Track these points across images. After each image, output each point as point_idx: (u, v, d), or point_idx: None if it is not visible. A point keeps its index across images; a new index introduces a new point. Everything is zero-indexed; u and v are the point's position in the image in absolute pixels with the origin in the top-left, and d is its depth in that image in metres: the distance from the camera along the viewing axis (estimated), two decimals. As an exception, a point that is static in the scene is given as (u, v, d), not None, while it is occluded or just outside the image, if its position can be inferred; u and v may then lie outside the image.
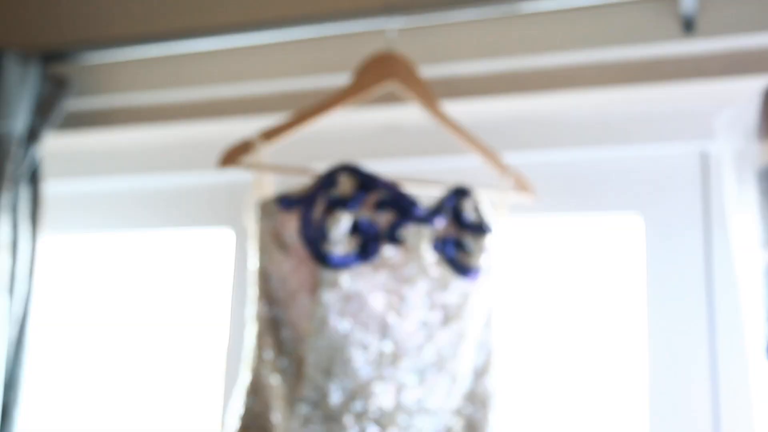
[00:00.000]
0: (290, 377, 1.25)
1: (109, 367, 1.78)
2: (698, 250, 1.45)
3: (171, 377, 1.75)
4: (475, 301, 1.34)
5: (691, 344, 1.41)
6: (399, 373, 1.27)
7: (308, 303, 1.25)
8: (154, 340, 1.78)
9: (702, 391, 1.39)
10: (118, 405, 1.76)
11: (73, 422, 1.77)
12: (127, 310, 1.81)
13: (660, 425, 1.40)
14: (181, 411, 1.73)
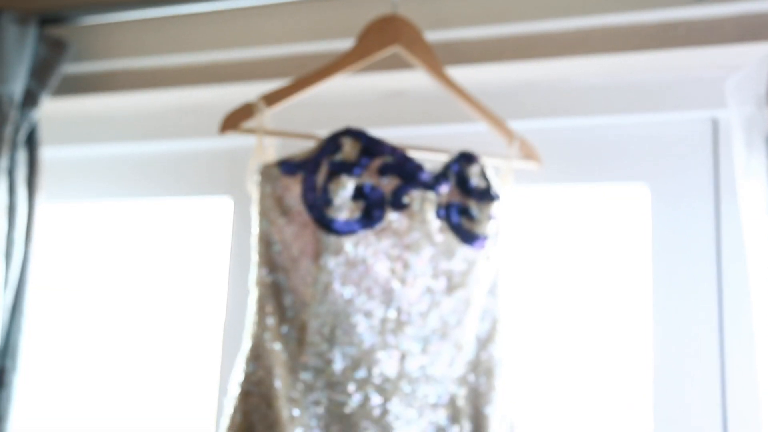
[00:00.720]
0: (292, 344, 1.23)
1: (107, 336, 1.77)
2: (707, 221, 1.43)
3: (169, 346, 1.74)
4: (481, 269, 1.32)
5: (699, 317, 1.40)
6: (402, 341, 1.25)
7: (311, 269, 1.24)
8: (152, 310, 1.77)
9: (709, 365, 1.38)
10: (116, 372, 1.74)
11: (71, 388, 1.76)
12: (126, 279, 1.79)
13: (666, 397, 1.39)
14: (179, 379, 1.71)
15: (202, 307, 1.73)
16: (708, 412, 1.36)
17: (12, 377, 1.52)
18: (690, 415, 1.37)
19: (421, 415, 1.25)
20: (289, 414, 1.19)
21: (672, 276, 1.43)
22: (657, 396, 1.39)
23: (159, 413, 1.71)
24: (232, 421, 1.18)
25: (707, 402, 1.37)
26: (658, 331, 1.42)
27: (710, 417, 1.36)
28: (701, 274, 1.41)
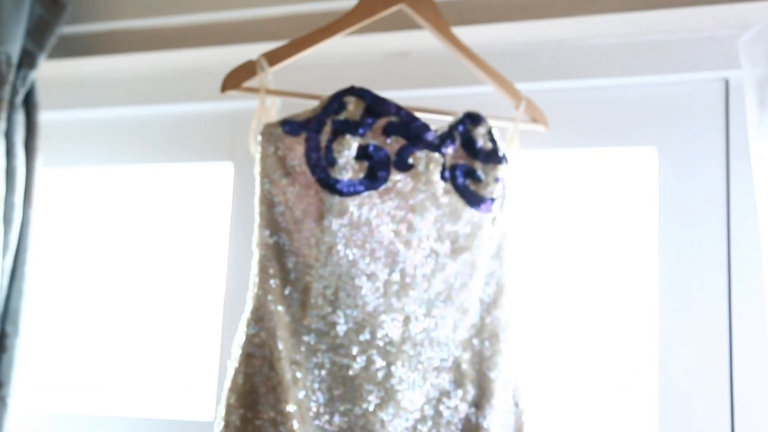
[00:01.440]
0: (295, 306, 1.21)
1: (108, 302, 1.75)
2: (717, 185, 1.40)
3: (170, 312, 1.72)
4: (486, 233, 1.30)
5: (707, 282, 1.38)
6: (407, 304, 1.24)
7: (314, 231, 1.22)
8: (153, 276, 1.75)
9: (718, 330, 1.36)
10: (118, 338, 1.73)
11: (74, 354, 1.75)
12: (126, 245, 1.78)
13: (672, 364, 1.37)
14: (181, 343, 1.70)
15: (203, 273, 1.71)
16: (715, 380, 1.35)
17: (14, 341, 1.51)
18: (696, 381, 1.35)
19: (425, 379, 1.24)
20: (292, 376, 1.17)
21: (680, 242, 1.41)
22: (663, 360, 1.38)
23: (162, 377, 1.70)
24: (234, 383, 1.17)
25: (715, 367, 1.35)
26: (665, 297, 1.40)
27: (718, 385, 1.34)
28: (710, 239, 1.39)
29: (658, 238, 1.42)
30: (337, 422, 1.19)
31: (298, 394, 1.17)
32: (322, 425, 1.18)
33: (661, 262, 1.41)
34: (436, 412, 1.24)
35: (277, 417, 1.14)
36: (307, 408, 1.18)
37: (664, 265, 1.41)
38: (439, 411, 1.24)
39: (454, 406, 1.25)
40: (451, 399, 1.25)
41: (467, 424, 1.25)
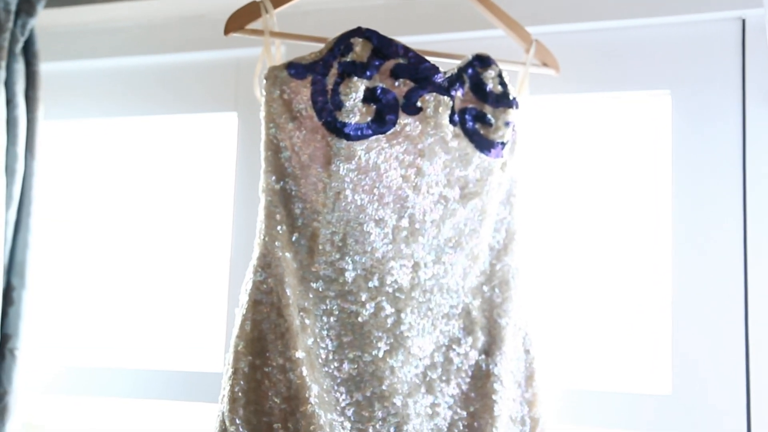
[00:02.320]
0: (303, 253, 1.19)
1: (115, 255, 1.74)
2: (733, 129, 1.37)
3: (176, 264, 1.71)
4: (496, 178, 1.27)
5: (722, 228, 1.35)
6: (416, 250, 1.22)
7: (321, 176, 1.19)
8: (158, 228, 1.73)
9: (732, 275, 1.34)
10: (126, 290, 1.72)
11: (83, 307, 1.74)
12: (130, 198, 1.76)
13: (686, 309, 1.35)
14: (188, 293, 1.69)
15: (207, 225, 1.69)
16: (729, 323, 1.33)
17: (21, 294, 1.49)
18: (710, 325, 1.34)
19: (435, 326, 1.23)
20: (301, 323, 1.16)
21: (694, 187, 1.38)
22: (676, 305, 1.36)
23: (170, 329, 1.69)
24: (242, 330, 1.15)
25: (729, 310, 1.33)
26: (678, 242, 1.37)
27: (732, 327, 1.33)
28: (725, 183, 1.36)
29: (672, 183, 1.39)
30: (347, 369, 1.17)
31: (307, 340, 1.16)
32: (331, 372, 1.17)
33: (674, 208, 1.38)
34: (446, 359, 1.23)
35: (286, 364, 1.13)
36: (316, 355, 1.16)
37: (677, 210, 1.38)
38: (449, 358, 1.23)
39: (464, 353, 1.24)
40: (461, 346, 1.24)
41: (477, 371, 1.23)
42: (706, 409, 1.32)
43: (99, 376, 1.62)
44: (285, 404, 1.12)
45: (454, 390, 1.22)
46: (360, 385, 1.17)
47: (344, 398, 1.16)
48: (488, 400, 1.21)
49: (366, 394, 1.17)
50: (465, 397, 1.22)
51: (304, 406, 1.11)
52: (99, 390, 1.62)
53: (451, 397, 1.22)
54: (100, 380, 1.62)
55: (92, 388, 1.62)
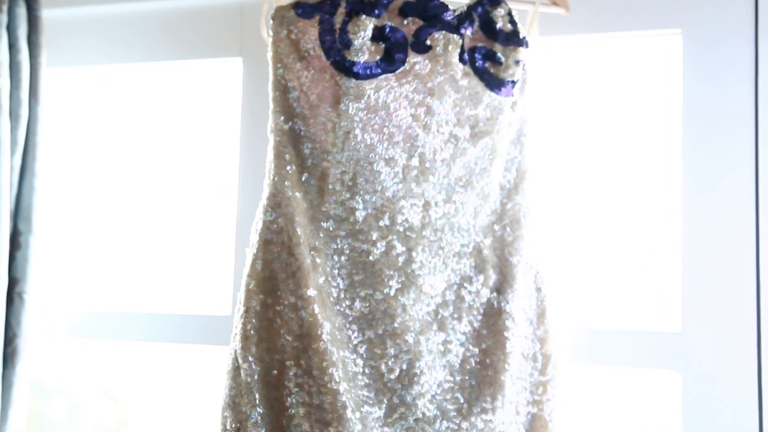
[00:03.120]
0: (313, 192, 1.19)
1: (120, 201, 1.74)
2: (746, 69, 1.35)
3: (182, 211, 1.70)
4: (506, 117, 1.26)
5: (733, 171, 1.35)
6: (426, 189, 1.21)
7: (330, 115, 1.18)
8: (164, 175, 1.73)
9: (744, 211, 1.33)
10: (133, 236, 1.72)
11: (89, 252, 1.74)
12: (135, 143, 1.75)
13: (696, 247, 1.35)
14: (195, 240, 1.69)
15: (214, 170, 1.68)
16: (740, 257, 1.33)
17: (28, 238, 1.49)
18: (722, 257, 1.34)
19: (446, 264, 1.23)
20: (312, 261, 1.16)
21: (705, 130, 1.37)
22: (687, 243, 1.36)
23: (178, 273, 1.69)
24: (253, 269, 1.16)
25: (740, 247, 1.33)
26: (689, 181, 1.37)
27: (743, 260, 1.33)
28: (737, 126, 1.35)
29: (683, 124, 1.38)
30: (358, 307, 1.18)
31: (318, 279, 1.16)
32: (343, 310, 1.17)
33: (685, 148, 1.37)
34: (457, 297, 1.23)
35: (298, 302, 1.13)
36: (328, 293, 1.17)
37: (688, 150, 1.37)
38: (460, 296, 1.23)
39: (476, 291, 1.24)
40: (473, 284, 1.24)
41: (489, 309, 1.24)
42: (716, 346, 1.32)
43: (107, 319, 1.63)
44: (297, 342, 1.13)
45: (466, 327, 1.23)
46: (372, 323, 1.17)
47: (356, 336, 1.17)
48: (500, 337, 1.21)
49: (378, 331, 1.17)
50: (477, 334, 1.23)
51: (316, 343, 1.11)
52: (109, 334, 1.62)
53: (463, 335, 1.22)
54: (109, 323, 1.62)
55: (102, 332, 1.63)
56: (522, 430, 1.23)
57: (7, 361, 1.48)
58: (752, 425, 1.29)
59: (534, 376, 1.25)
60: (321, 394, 1.11)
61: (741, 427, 1.30)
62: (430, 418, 1.17)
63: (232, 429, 1.13)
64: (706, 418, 1.31)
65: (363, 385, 1.16)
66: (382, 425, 1.16)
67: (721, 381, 1.31)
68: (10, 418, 1.48)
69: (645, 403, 1.43)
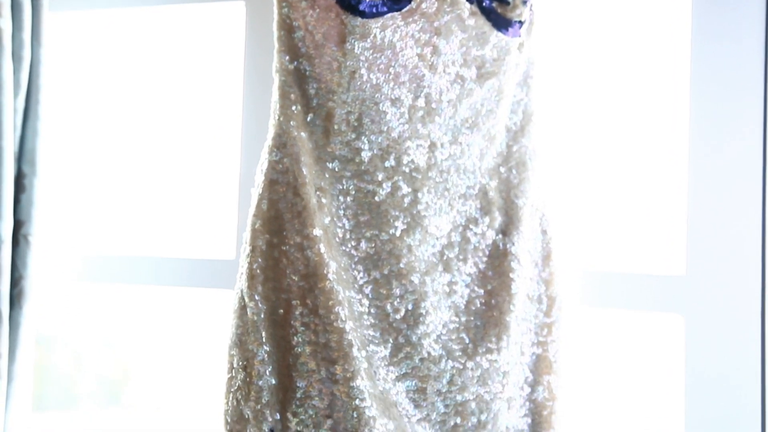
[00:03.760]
0: (318, 133, 1.18)
1: (126, 142, 1.73)
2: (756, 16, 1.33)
3: (187, 149, 1.70)
4: (513, 58, 1.25)
5: (741, 111, 1.33)
6: (432, 130, 1.21)
7: (336, 55, 1.17)
8: (168, 117, 1.72)
9: (750, 158, 1.32)
10: (138, 178, 1.72)
11: (95, 195, 1.74)
12: (139, 87, 1.74)
13: (702, 189, 1.34)
14: (199, 185, 1.68)
15: (217, 114, 1.67)
16: (746, 201, 1.32)
17: (32, 181, 1.49)
18: (727, 200, 1.33)
19: (452, 206, 1.23)
20: (317, 202, 1.16)
21: (713, 72, 1.35)
22: (692, 187, 1.35)
23: (184, 213, 1.69)
24: (259, 209, 1.16)
25: (745, 190, 1.33)
26: (695, 125, 1.36)
27: (747, 203, 1.32)
28: (745, 71, 1.33)
29: (691, 69, 1.36)
30: (364, 248, 1.18)
31: (324, 219, 1.16)
32: (349, 251, 1.18)
33: (693, 90, 1.36)
34: (463, 239, 1.23)
35: (303, 242, 1.14)
36: (333, 234, 1.17)
37: (696, 92, 1.36)
38: (466, 237, 1.23)
39: (482, 233, 1.24)
40: (478, 226, 1.24)
41: (495, 250, 1.24)
42: (719, 290, 1.33)
43: (113, 263, 1.63)
44: (303, 281, 1.13)
45: (472, 269, 1.23)
46: (377, 264, 1.18)
47: (362, 276, 1.17)
48: (505, 278, 1.22)
49: (384, 272, 1.18)
50: (482, 275, 1.23)
51: (322, 283, 1.12)
52: (115, 278, 1.63)
53: (468, 276, 1.23)
54: (115, 267, 1.63)
55: (108, 275, 1.63)
56: (526, 370, 1.24)
57: (14, 302, 1.49)
58: (754, 368, 1.30)
59: (539, 317, 1.25)
60: (327, 333, 1.12)
61: (743, 369, 1.31)
62: (435, 357, 1.18)
63: (239, 367, 1.14)
64: (709, 360, 1.32)
65: (369, 325, 1.17)
66: (387, 364, 1.17)
67: (724, 324, 1.32)
68: (18, 359, 1.49)
69: (648, 346, 1.44)
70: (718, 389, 1.31)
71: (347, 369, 1.11)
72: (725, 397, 1.31)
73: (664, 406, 1.41)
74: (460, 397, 1.18)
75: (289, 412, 1.12)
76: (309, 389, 1.12)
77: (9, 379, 1.48)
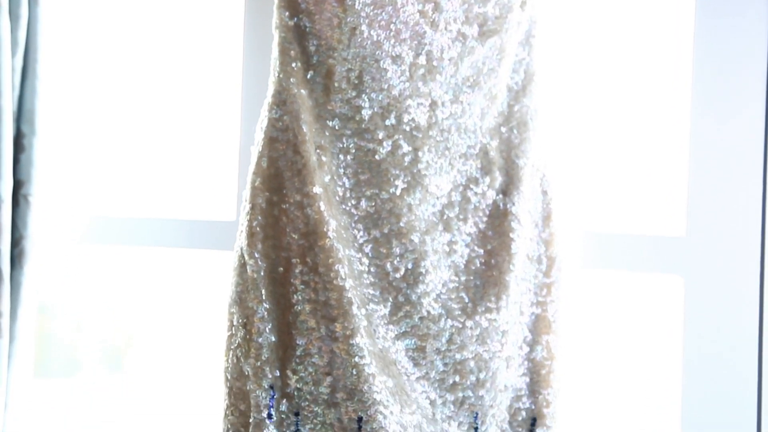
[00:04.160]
0: (319, 90, 1.18)
1: (126, 95, 1.71)
2: None
3: (186, 112, 1.68)
4: (515, 17, 1.24)
5: (742, 70, 1.32)
6: (433, 88, 1.20)
7: (336, 11, 1.16)
8: (167, 76, 1.70)
9: (751, 124, 1.32)
10: (138, 136, 1.71)
11: (95, 156, 1.73)
12: (137, 46, 1.72)
13: (703, 151, 1.34)
14: (199, 144, 1.68)
15: (217, 70, 1.66)
16: (747, 163, 1.32)
17: (31, 141, 1.48)
18: (727, 162, 1.33)
19: (452, 165, 1.22)
20: (318, 159, 1.16)
21: (717, 35, 1.34)
22: (693, 148, 1.34)
23: (183, 173, 1.69)
24: (259, 166, 1.15)
25: (746, 152, 1.32)
26: (697, 88, 1.35)
27: (749, 165, 1.32)
28: (749, 47, 1.32)
29: (694, 22, 1.35)
30: (364, 207, 1.18)
31: (324, 177, 1.16)
32: (349, 210, 1.17)
33: (696, 45, 1.34)
34: (463, 198, 1.23)
35: (303, 200, 1.13)
36: (333, 192, 1.17)
37: (700, 45, 1.34)
38: (466, 197, 1.23)
39: (482, 193, 1.24)
40: (479, 186, 1.24)
41: (495, 210, 1.24)
42: (719, 251, 1.32)
43: (115, 224, 1.63)
44: (303, 240, 1.13)
45: (472, 228, 1.23)
46: (377, 222, 1.18)
47: (362, 235, 1.17)
48: (505, 238, 1.22)
49: (384, 231, 1.17)
50: (482, 235, 1.23)
51: (322, 241, 1.12)
52: (116, 239, 1.63)
53: (468, 235, 1.22)
54: (117, 227, 1.63)
55: (109, 237, 1.63)
56: (525, 330, 1.24)
57: (15, 262, 1.49)
58: (752, 328, 1.31)
59: (538, 277, 1.25)
60: (327, 291, 1.12)
61: (741, 330, 1.31)
62: (434, 316, 1.19)
63: (239, 324, 1.15)
64: (707, 322, 1.33)
65: (368, 284, 1.17)
66: (387, 323, 1.17)
67: (724, 285, 1.32)
68: (19, 318, 1.50)
69: (647, 307, 1.44)
70: (717, 350, 1.32)
71: (347, 326, 1.11)
72: (723, 357, 1.31)
73: (663, 367, 1.42)
74: (459, 355, 1.19)
75: (288, 369, 1.13)
76: (309, 347, 1.12)
77: (11, 339, 1.49)
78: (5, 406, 1.49)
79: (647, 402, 1.43)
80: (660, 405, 1.41)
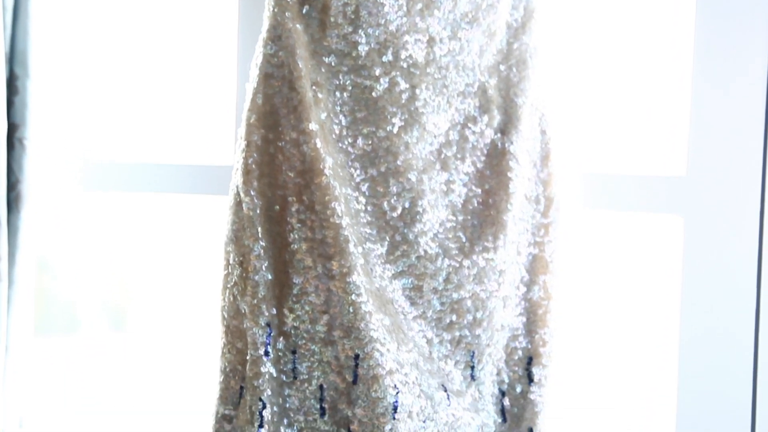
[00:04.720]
0: (314, 26, 1.15)
1: (120, 52, 1.70)
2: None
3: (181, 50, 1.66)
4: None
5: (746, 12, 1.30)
6: (431, 24, 1.18)
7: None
8: (161, 16, 1.68)
9: (754, 65, 1.30)
10: (134, 84, 1.69)
11: (93, 98, 1.71)
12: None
13: (705, 89, 1.32)
14: (195, 87, 1.66)
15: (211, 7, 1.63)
16: (749, 100, 1.30)
17: (25, 83, 1.47)
18: (729, 100, 1.31)
19: (450, 103, 1.21)
20: (314, 96, 1.14)
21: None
22: (696, 87, 1.33)
23: (178, 118, 1.67)
24: (254, 103, 1.14)
25: (748, 91, 1.30)
26: (700, 28, 1.32)
27: (750, 104, 1.30)
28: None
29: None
30: (361, 145, 1.17)
31: (320, 115, 1.14)
32: (345, 148, 1.16)
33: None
34: (461, 137, 1.22)
35: (300, 137, 1.12)
36: (330, 130, 1.15)
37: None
38: (464, 136, 1.22)
39: (480, 132, 1.22)
40: (477, 124, 1.22)
41: (493, 149, 1.23)
42: (719, 191, 1.31)
43: (113, 170, 1.62)
44: (299, 178, 1.12)
45: (469, 168, 1.22)
46: (374, 161, 1.16)
47: (359, 173, 1.16)
48: (503, 178, 1.21)
49: (380, 169, 1.16)
50: (480, 174, 1.22)
51: (318, 178, 1.11)
52: (113, 185, 1.62)
53: (466, 175, 1.21)
54: (114, 173, 1.62)
55: (105, 182, 1.62)
56: (522, 270, 1.24)
57: (11, 206, 1.48)
58: (751, 267, 1.30)
59: (536, 218, 1.25)
60: (323, 229, 1.11)
61: (741, 270, 1.31)
62: (431, 255, 1.18)
63: (235, 263, 1.14)
64: (707, 262, 1.32)
65: (365, 223, 1.16)
66: (384, 262, 1.17)
67: (724, 225, 1.31)
68: (18, 263, 1.49)
69: (646, 247, 1.44)
70: (715, 290, 1.31)
71: (343, 264, 1.11)
72: (722, 297, 1.31)
73: (661, 306, 1.42)
74: (456, 295, 1.19)
75: (285, 307, 1.13)
76: (305, 285, 1.12)
77: (10, 282, 1.49)
78: (6, 349, 1.49)
79: (644, 342, 1.44)
80: (657, 344, 1.42)
